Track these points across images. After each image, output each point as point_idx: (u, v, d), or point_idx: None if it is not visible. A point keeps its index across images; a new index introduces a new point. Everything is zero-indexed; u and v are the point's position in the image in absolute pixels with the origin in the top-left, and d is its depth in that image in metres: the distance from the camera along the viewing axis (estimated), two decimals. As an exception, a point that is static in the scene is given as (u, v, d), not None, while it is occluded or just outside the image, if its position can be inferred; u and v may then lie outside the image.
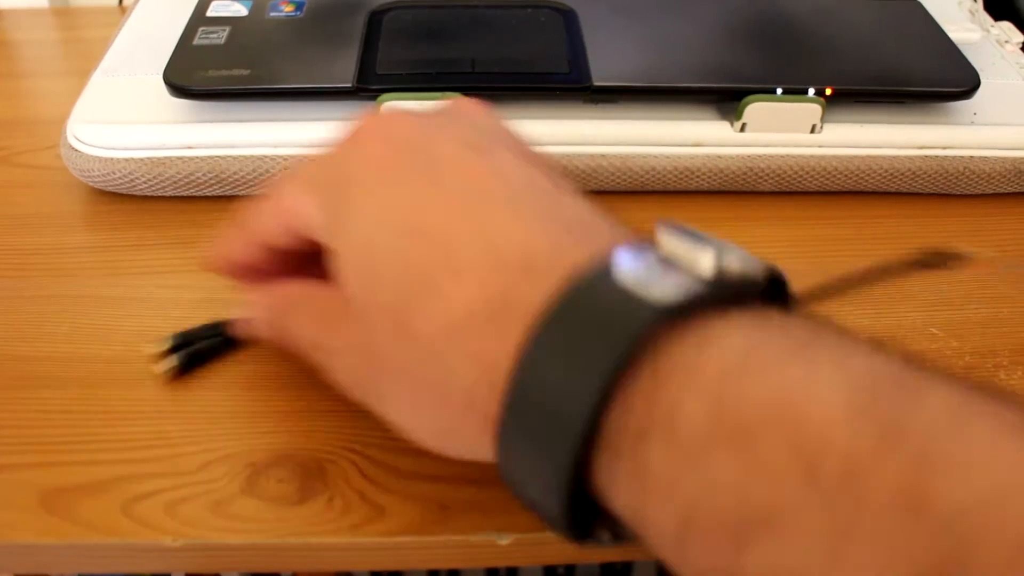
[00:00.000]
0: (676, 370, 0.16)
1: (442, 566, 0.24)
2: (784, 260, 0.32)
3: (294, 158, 0.33)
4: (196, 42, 0.35)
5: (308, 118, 0.33)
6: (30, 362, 0.28)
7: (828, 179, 0.35)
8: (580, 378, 0.17)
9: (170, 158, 0.33)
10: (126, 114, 0.34)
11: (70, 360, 0.28)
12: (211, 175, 0.33)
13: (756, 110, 0.33)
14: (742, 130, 0.34)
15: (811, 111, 0.33)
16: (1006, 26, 0.41)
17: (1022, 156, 0.34)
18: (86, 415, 0.26)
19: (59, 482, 0.24)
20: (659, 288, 0.17)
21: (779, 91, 0.33)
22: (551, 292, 0.18)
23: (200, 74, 0.33)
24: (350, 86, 0.33)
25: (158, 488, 0.24)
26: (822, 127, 0.34)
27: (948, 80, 0.34)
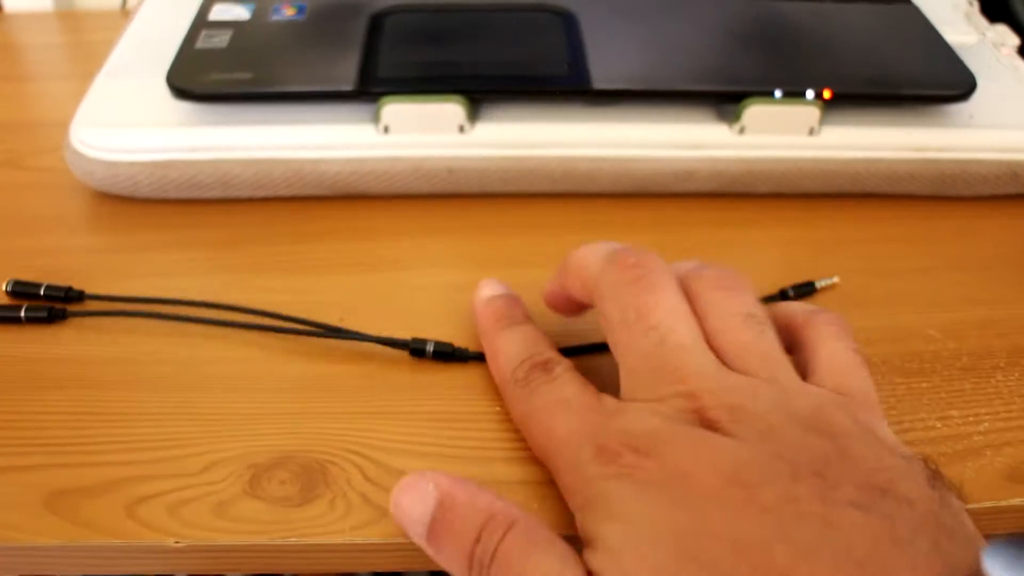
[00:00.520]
0: None
1: (443, 568, 0.24)
2: (783, 262, 0.33)
3: (296, 161, 0.33)
4: (199, 45, 0.35)
5: (310, 121, 0.33)
6: (33, 363, 0.28)
7: (826, 181, 0.35)
8: None
9: (173, 161, 0.33)
10: (129, 117, 0.34)
11: (73, 361, 0.28)
12: (214, 178, 0.33)
13: (755, 113, 0.33)
14: (741, 133, 0.34)
15: (809, 114, 0.33)
16: (1002, 29, 0.41)
17: (1018, 159, 0.34)
18: (89, 416, 0.26)
19: (62, 484, 0.24)
20: None
21: (778, 94, 0.33)
22: None
23: (203, 77, 0.33)
24: (351, 89, 0.33)
25: (161, 490, 0.24)
26: (820, 130, 0.34)
27: (944, 83, 0.34)
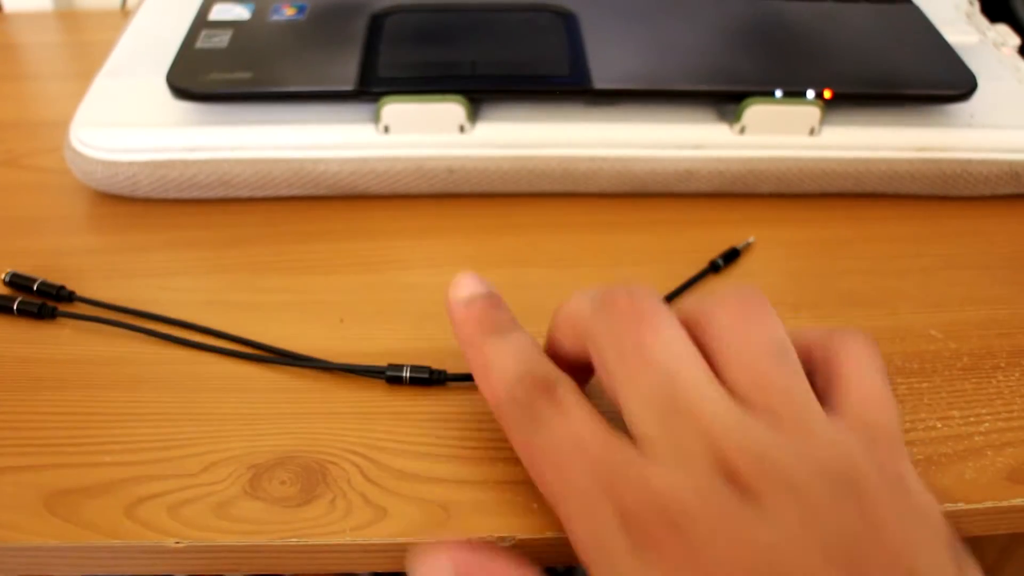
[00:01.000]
0: None
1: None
2: (783, 262, 0.33)
3: (296, 161, 0.33)
4: (199, 45, 0.35)
5: (310, 120, 0.33)
6: (33, 364, 0.28)
7: (827, 181, 0.35)
8: None
9: (173, 161, 0.33)
10: (129, 117, 0.34)
11: (73, 361, 0.28)
12: (214, 177, 0.33)
13: (755, 113, 0.33)
14: (742, 132, 0.34)
15: (810, 114, 0.33)
16: (1003, 29, 0.41)
17: (1019, 158, 0.34)
18: (89, 417, 0.26)
19: (62, 484, 0.24)
20: None
21: (778, 94, 0.33)
22: None
23: (203, 77, 0.33)
24: (352, 89, 0.33)
25: (161, 490, 0.24)
26: (821, 129, 0.34)
27: (945, 83, 0.34)
